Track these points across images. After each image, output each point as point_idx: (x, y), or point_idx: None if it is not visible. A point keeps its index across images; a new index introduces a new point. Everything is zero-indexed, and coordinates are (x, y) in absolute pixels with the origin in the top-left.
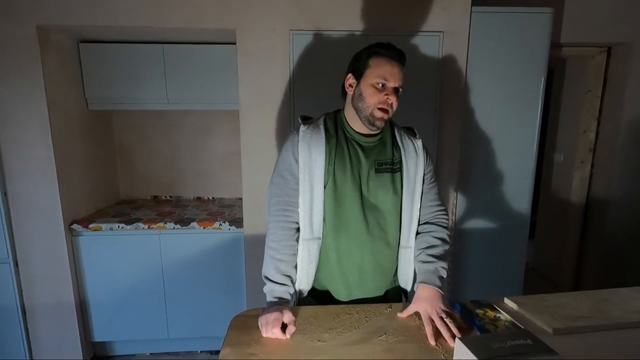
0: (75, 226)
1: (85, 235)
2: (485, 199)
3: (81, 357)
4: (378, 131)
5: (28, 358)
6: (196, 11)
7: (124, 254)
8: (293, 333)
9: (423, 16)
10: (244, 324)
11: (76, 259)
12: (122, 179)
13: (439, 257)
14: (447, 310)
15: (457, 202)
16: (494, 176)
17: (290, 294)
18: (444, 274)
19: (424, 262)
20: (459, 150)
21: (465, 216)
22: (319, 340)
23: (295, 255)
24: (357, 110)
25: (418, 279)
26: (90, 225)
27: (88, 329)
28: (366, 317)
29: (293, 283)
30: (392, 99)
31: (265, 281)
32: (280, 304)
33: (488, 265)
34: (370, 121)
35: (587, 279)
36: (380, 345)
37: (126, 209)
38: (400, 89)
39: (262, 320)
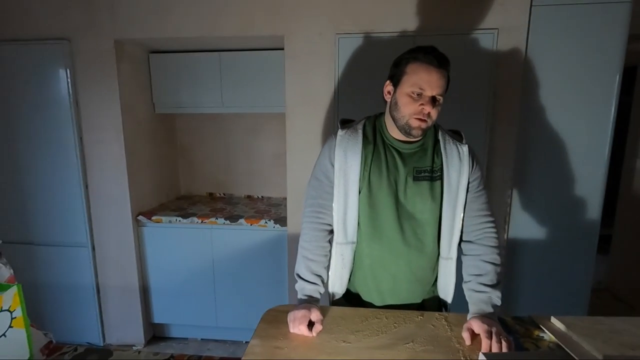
0: (140, 217)
1: (149, 226)
2: (543, 210)
3: (143, 336)
4: (418, 139)
5: (100, 331)
6: (246, 20)
7: (181, 245)
8: (319, 332)
9: (476, 13)
10: (275, 318)
11: (141, 247)
12: (182, 176)
13: (492, 286)
14: (507, 337)
15: (512, 210)
16: (555, 183)
17: (320, 293)
18: (499, 303)
19: (476, 291)
20: (514, 155)
21: (521, 227)
22: (343, 341)
23: (326, 256)
24: (394, 119)
25: (471, 310)
26: (153, 217)
27: (149, 310)
28: (395, 322)
29: (324, 283)
30: (428, 109)
31: (297, 279)
32: (309, 302)
33: (547, 282)
34: (406, 131)
35: None
36: (406, 353)
37: (184, 204)
38: (440, 98)
39: (291, 316)
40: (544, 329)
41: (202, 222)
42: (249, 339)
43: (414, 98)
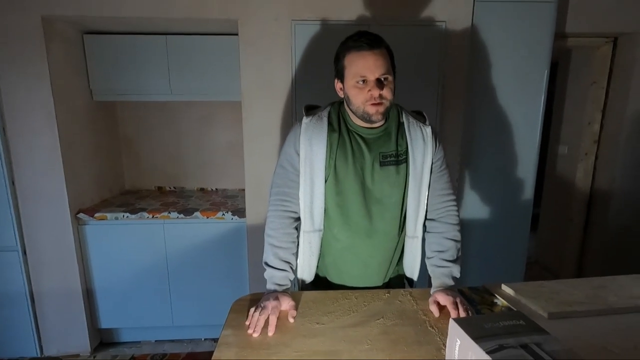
0: (81, 215)
1: (91, 224)
2: (487, 191)
3: (88, 343)
4: (381, 123)
5: (37, 343)
6: (198, 1)
7: (129, 243)
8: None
9: (427, 5)
10: (244, 308)
11: (82, 248)
12: (127, 169)
13: (453, 261)
14: (468, 306)
15: (458, 192)
16: (496, 168)
17: (290, 280)
18: (458, 275)
19: (438, 266)
20: (460, 141)
21: (467, 206)
22: (317, 323)
23: (294, 243)
24: (352, 112)
25: (434, 284)
26: (96, 215)
27: (95, 316)
28: (364, 301)
29: (293, 269)
30: (377, 92)
31: (266, 267)
32: (279, 291)
33: (489, 256)
34: (366, 119)
35: (589, 272)
36: (377, 328)
37: (131, 199)
38: (386, 76)
39: (261, 304)
40: (497, 295)
41: (152, 217)
42: (208, 336)
43: (360, 87)
